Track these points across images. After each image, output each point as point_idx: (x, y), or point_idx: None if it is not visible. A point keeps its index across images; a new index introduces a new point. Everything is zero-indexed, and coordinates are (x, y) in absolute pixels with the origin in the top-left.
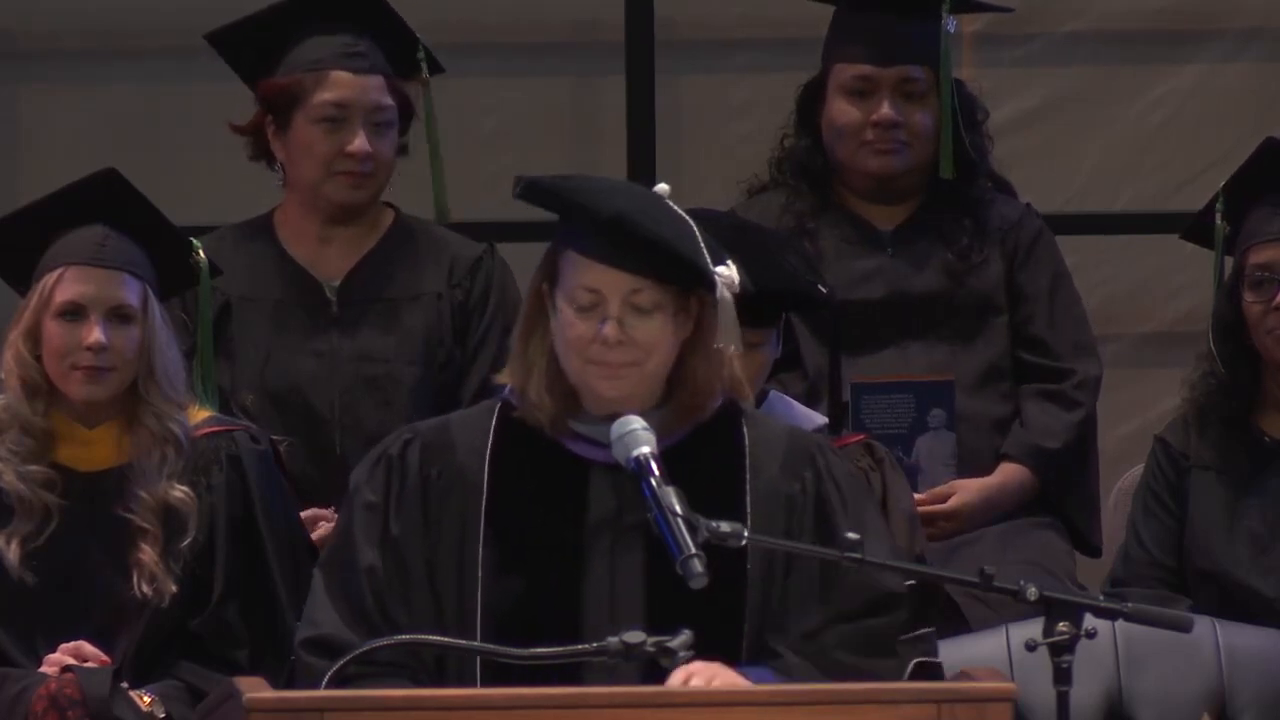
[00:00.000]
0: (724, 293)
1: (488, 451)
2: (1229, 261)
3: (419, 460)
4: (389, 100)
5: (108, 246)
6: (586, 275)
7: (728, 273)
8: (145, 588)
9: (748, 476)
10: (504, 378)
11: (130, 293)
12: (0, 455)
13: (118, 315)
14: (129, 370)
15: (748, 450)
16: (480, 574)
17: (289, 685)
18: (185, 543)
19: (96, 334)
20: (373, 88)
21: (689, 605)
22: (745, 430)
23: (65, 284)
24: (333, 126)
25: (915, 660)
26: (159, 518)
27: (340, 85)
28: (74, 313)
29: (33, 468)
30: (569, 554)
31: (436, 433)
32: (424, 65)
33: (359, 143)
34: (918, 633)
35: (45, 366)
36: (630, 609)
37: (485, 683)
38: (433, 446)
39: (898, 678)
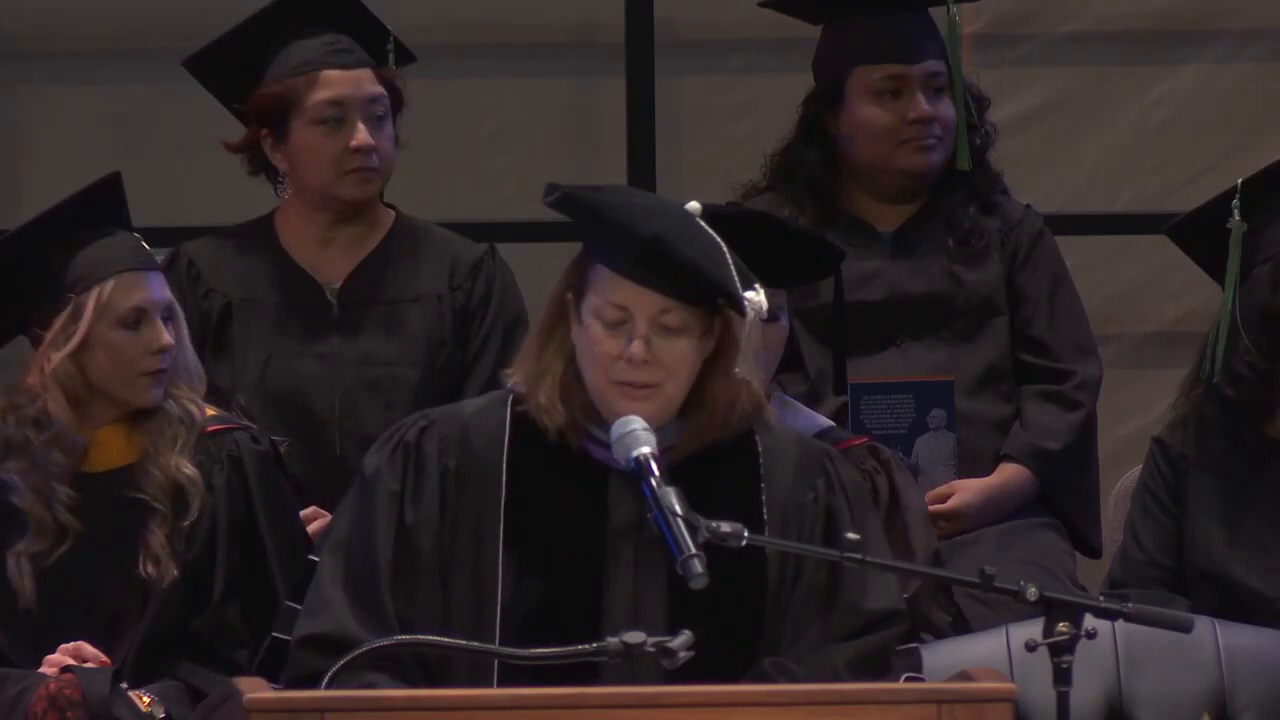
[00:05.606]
0: (752, 316)
1: (505, 448)
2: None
3: (437, 450)
4: (381, 90)
5: (141, 250)
6: (616, 292)
7: (756, 298)
8: (150, 569)
9: (763, 487)
10: (514, 376)
11: (169, 291)
12: (21, 470)
13: (167, 315)
14: (176, 368)
15: (761, 461)
16: (501, 575)
17: (277, 671)
18: (188, 521)
19: (166, 336)
20: (365, 80)
21: (710, 613)
22: (758, 440)
23: (122, 292)
24: (333, 125)
25: (905, 675)
26: (168, 495)
27: (333, 83)
28: (138, 320)
29: (61, 488)
30: (591, 560)
31: (451, 422)
32: (391, 56)
33: (362, 136)
34: (906, 647)
35: (97, 378)
36: (652, 617)
37: (501, 683)
38: (449, 438)
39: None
